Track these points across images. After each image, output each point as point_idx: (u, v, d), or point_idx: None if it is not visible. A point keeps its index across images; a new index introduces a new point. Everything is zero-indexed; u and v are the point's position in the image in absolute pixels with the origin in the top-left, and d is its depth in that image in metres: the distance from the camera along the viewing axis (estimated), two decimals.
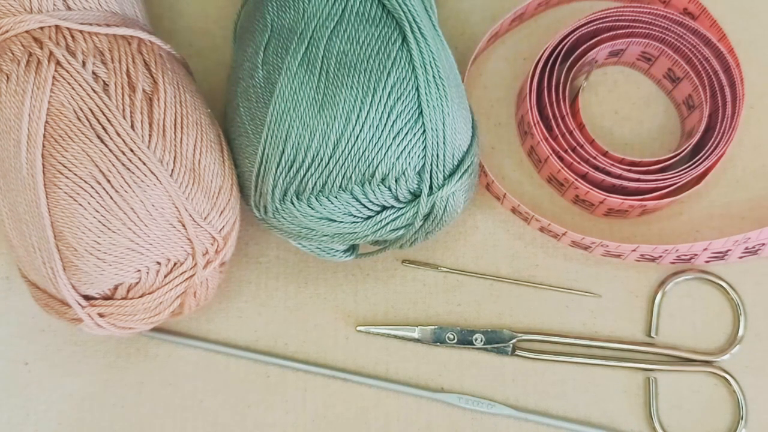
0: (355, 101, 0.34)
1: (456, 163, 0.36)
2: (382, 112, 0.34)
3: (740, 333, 0.42)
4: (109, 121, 0.33)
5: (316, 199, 0.35)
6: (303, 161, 0.34)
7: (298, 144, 0.34)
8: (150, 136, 0.34)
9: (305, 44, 0.35)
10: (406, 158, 0.34)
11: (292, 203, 0.35)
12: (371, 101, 0.34)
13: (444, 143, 0.35)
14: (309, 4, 0.35)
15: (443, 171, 0.35)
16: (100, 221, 0.33)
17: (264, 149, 0.35)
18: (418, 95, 0.35)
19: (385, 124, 0.34)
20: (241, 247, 0.39)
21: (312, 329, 0.42)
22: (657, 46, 0.44)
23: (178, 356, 0.42)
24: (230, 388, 0.41)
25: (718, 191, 0.44)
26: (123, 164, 0.33)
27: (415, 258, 0.43)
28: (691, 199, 0.43)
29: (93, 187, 0.33)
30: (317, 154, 0.34)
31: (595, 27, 0.44)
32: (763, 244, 0.42)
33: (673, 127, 0.46)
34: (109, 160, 0.33)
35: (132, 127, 0.33)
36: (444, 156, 0.35)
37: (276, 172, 0.35)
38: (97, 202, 0.33)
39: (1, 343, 0.42)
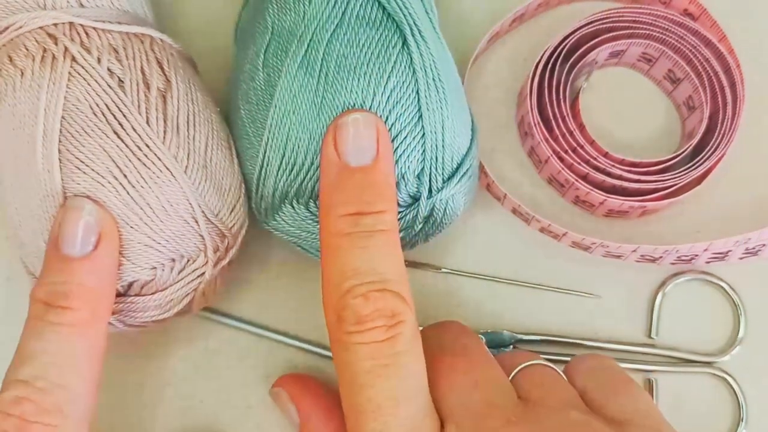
0: (354, 104, 0.34)
1: (455, 166, 0.36)
2: (381, 115, 0.34)
3: (741, 334, 0.42)
4: (125, 116, 0.33)
5: (314, 202, 0.35)
6: (303, 164, 0.35)
7: (298, 147, 0.34)
8: (165, 132, 0.34)
9: (305, 47, 0.35)
10: (405, 162, 0.35)
11: (292, 206, 0.35)
12: (371, 104, 0.34)
13: (443, 146, 0.35)
14: (309, 7, 0.36)
15: (442, 174, 0.35)
16: (118, 216, 0.33)
17: (265, 152, 0.35)
18: (418, 98, 0.35)
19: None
20: (243, 247, 0.39)
21: (313, 330, 0.42)
22: (657, 47, 0.44)
23: (178, 356, 0.42)
24: (230, 388, 0.42)
25: (718, 192, 0.44)
26: (139, 159, 0.33)
27: (415, 259, 0.43)
28: (692, 199, 0.43)
29: (110, 183, 0.33)
30: (316, 158, 0.34)
31: (595, 28, 0.44)
32: (764, 245, 0.42)
33: (674, 128, 0.46)
34: (126, 156, 0.33)
35: (147, 123, 0.34)
36: (443, 159, 0.35)
37: (277, 175, 0.35)
38: (115, 197, 0.33)
39: (1, 343, 0.42)
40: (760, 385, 0.42)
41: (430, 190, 0.35)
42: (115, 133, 0.33)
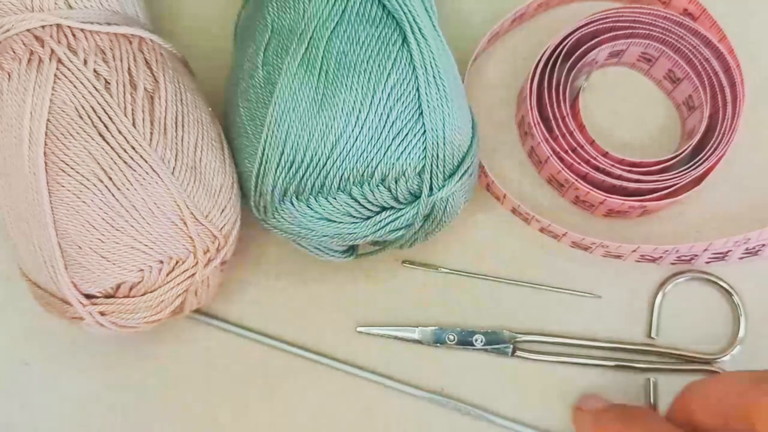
0: (354, 102, 0.34)
1: (456, 164, 0.36)
2: (382, 113, 0.34)
3: (741, 334, 0.42)
4: (110, 118, 0.33)
5: (315, 199, 0.35)
6: (302, 161, 0.34)
7: (297, 144, 0.34)
8: (151, 133, 0.34)
9: (305, 45, 0.35)
10: (406, 159, 0.34)
11: (292, 203, 0.35)
12: (371, 102, 0.34)
13: (444, 144, 0.35)
14: (309, 5, 0.36)
15: (443, 172, 0.35)
16: (103, 218, 0.33)
17: (264, 149, 0.35)
18: (419, 96, 0.35)
19: (384, 125, 0.34)
20: (242, 247, 0.39)
21: (312, 330, 0.42)
22: (657, 46, 0.44)
23: (178, 357, 0.42)
24: (230, 388, 0.41)
25: (718, 192, 0.44)
26: (125, 162, 0.33)
27: (415, 258, 0.43)
28: (692, 199, 0.43)
29: (95, 185, 0.33)
30: (315, 155, 0.34)
31: (595, 27, 0.44)
32: (764, 245, 0.42)
33: (674, 127, 0.46)
34: (111, 158, 0.33)
35: (133, 124, 0.33)
36: (444, 156, 0.35)
37: (275, 172, 0.35)
38: (100, 199, 0.33)
39: (1, 343, 0.42)
40: None
41: (430, 188, 0.35)
42: (101, 135, 0.33)
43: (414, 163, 0.35)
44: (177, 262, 0.35)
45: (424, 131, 0.35)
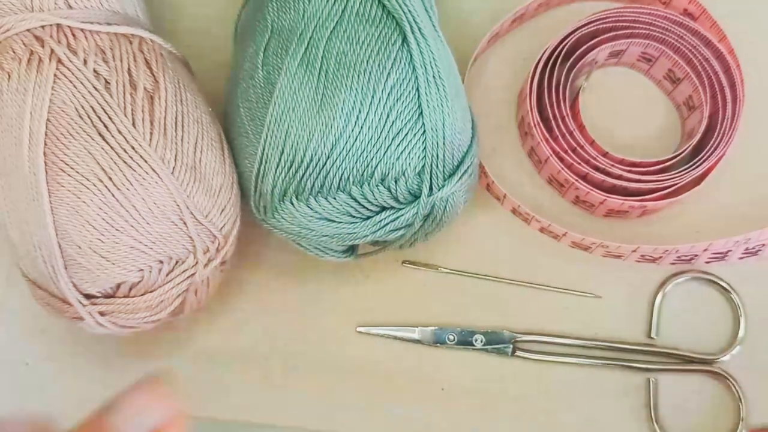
0: (354, 102, 0.34)
1: (456, 164, 0.36)
2: (382, 113, 0.34)
3: (741, 334, 0.42)
4: (110, 118, 0.33)
5: (315, 199, 0.35)
6: (302, 161, 0.34)
7: (297, 144, 0.34)
8: (151, 133, 0.34)
9: (305, 45, 0.35)
10: (405, 159, 0.34)
11: (291, 203, 0.35)
12: (371, 102, 0.34)
13: (444, 144, 0.35)
14: (309, 5, 0.36)
15: (443, 172, 0.35)
16: (103, 218, 0.33)
17: (264, 149, 0.35)
18: (418, 96, 0.35)
19: (384, 125, 0.34)
20: (242, 247, 0.39)
21: (312, 330, 0.42)
22: (657, 46, 0.44)
23: (178, 358, 0.42)
24: (228, 388, 0.41)
25: (718, 192, 0.44)
26: (125, 162, 0.33)
27: (415, 259, 0.43)
28: (692, 199, 0.43)
29: (95, 185, 0.33)
30: (315, 155, 0.34)
31: (595, 27, 0.44)
32: (764, 245, 0.42)
33: (674, 128, 0.46)
34: (111, 158, 0.33)
35: (133, 124, 0.33)
36: (444, 156, 0.35)
37: (275, 172, 0.35)
38: (100, 199, 0.33)
39: (1, 343, 0.42)
40: (760, 385, 0.42)
41: (430, 188, 0.35)
42: (100, 135, 0.33)
43: (414, 163, 0.35)
44: (177, 262, 0.35)
45: (424, 131, 0.35)
